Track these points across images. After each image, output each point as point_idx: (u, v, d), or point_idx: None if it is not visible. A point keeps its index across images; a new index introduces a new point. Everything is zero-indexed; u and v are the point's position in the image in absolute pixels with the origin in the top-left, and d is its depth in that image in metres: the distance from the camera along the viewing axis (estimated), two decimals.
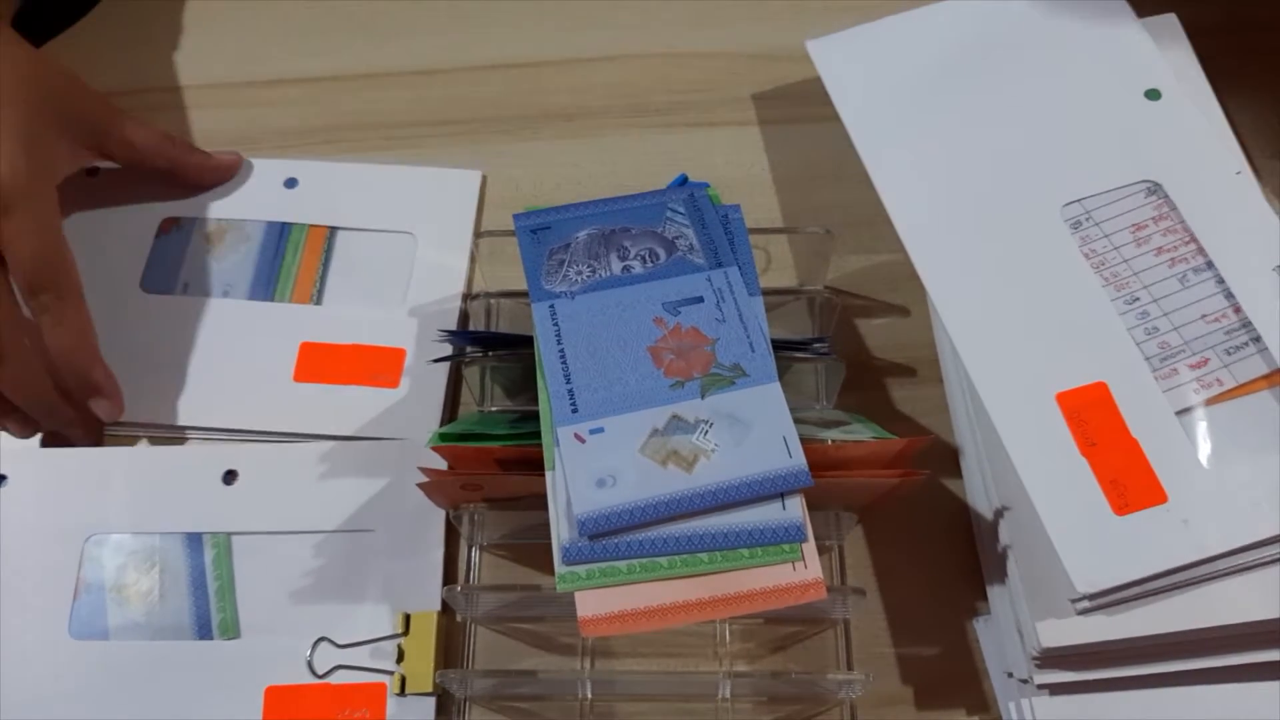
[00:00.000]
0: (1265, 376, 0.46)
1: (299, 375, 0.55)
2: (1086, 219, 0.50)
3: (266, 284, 0.58)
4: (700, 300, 0.46)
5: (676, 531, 0.41)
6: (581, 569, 0.41)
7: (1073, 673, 0.44)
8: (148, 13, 0.66)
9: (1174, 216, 0.50)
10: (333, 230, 0.59)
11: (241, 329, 0.57)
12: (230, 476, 0.53)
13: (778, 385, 0.44)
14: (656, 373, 0.44)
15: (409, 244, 0.59)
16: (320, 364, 0.56)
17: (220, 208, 0.60)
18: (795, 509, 0.41)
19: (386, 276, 0.58)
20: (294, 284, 0.58)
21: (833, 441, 0.46)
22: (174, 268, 0.58)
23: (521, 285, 0.48)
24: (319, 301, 0.57)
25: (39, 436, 0.54)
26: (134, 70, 0.65)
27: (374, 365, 0.55)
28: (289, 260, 0.58)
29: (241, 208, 0.60)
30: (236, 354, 0.56)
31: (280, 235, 0.59)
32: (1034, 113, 0.53)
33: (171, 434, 0.55)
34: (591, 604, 0.40)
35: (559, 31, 0.65)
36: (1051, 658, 0.44)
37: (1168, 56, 0.55)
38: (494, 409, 0.54)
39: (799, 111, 0.62)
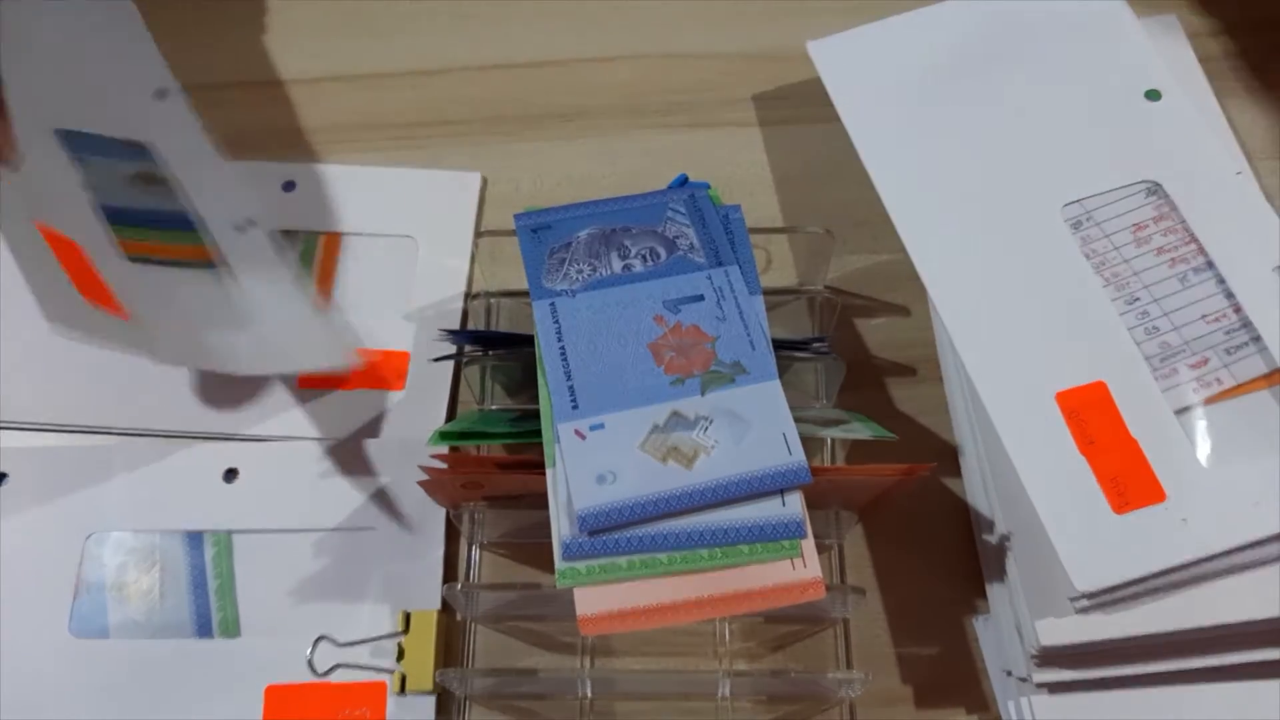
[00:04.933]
0: (1265, 376, 0.46)
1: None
2: (1086, 219, 0.50)
3: None
4: (701, 298, 0.46)
5: (676, 528, 0.41)
6: (581, 565, 0.41)
7: (1072, 672, 0.44)
8: (146, 13, 0.66)
9: (1174, 216, 0.50)
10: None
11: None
12: (231, 475, 0.53)
13: (778, 383, 0.44)
14: (657, 370, 0.44)
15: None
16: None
17: None
18: (795, 505, 0.42)
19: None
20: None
21: (832, 442, 0.47)
22: None
23: (522, 285, 0.48)
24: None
25: (39, 435, 0.54)
26: None
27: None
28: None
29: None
30: None
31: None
32: (1034, 113, 0.53)
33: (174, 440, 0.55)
34: (591, 602, 0.40)
35: (559, 31, 0.65)
36: (1050, 656, 0.44)
37: (1168, 56, 0.55)
38: (494, 408, 0.54)
39: (799, 111, 0.62)
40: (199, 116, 0.61)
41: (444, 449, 0.52)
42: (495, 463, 0.46)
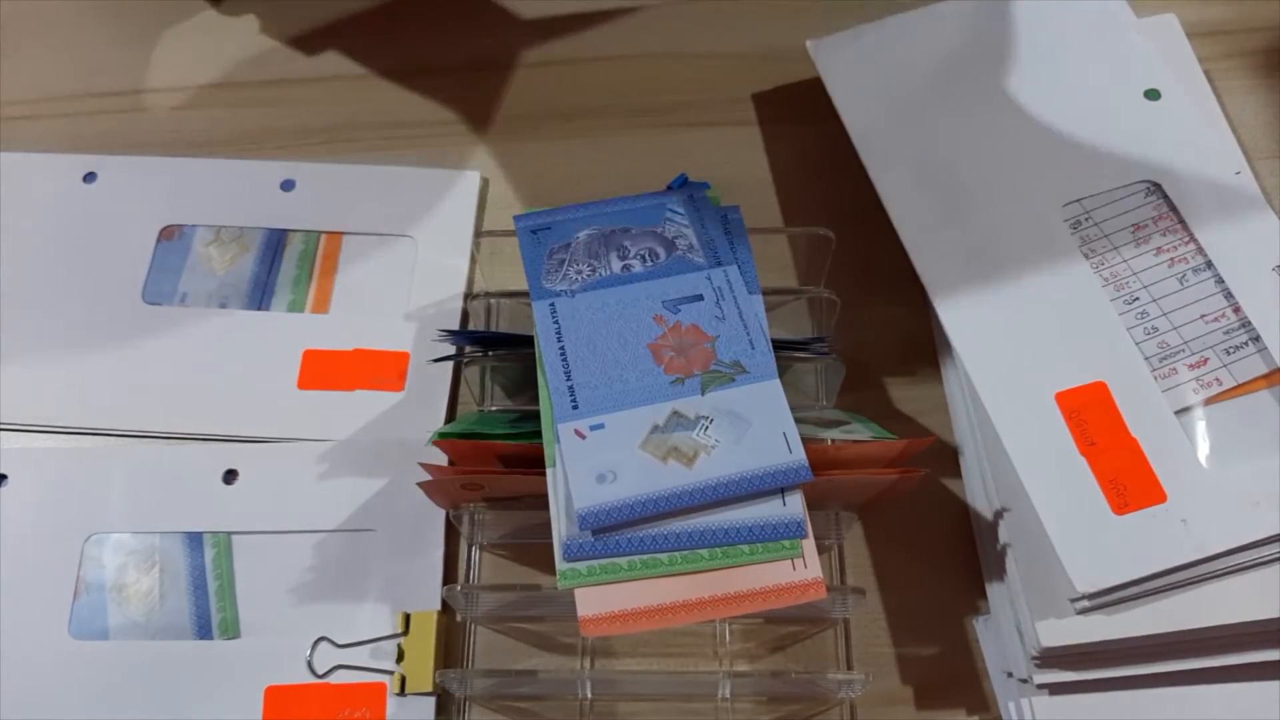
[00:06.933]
0: (1264, 376, 0.46)
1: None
2: (1086, 219, 0.50)
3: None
4: (700, 298, 0.46)
5: (677, 528, 0.41)
6: (582, 565, 0.41)
7: (1072, 673, 0.44)
8: (147, 12, 0.66)
9: (1173, 216, 0.50)
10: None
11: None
12: (230, 476, 0.53)
13: (778, 382, 0.44)
14: (657, 369, 0.44)
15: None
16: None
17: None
18: (795, 504, 0.42)
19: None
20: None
21: (832, 441, 0.47)
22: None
23: (521, 285, 0.48)
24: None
25: (39, 436, 0.54)
26: (133, 70, 0.65)
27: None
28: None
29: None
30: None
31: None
32: (1034, 113, 0.53)
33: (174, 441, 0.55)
34: (592, 603, 0.40)
35: (560, 31, 0.65)
36: (1051, 657, 0.44)
37: (1168, 56, 0.55)
38: (494, 408, 0.54)
39: (799, 111, 0.62)
40: (201, 116, 0.61)
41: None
42: (496, 454, 0.46)
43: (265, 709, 0.49)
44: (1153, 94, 0.53)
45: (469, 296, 0.57)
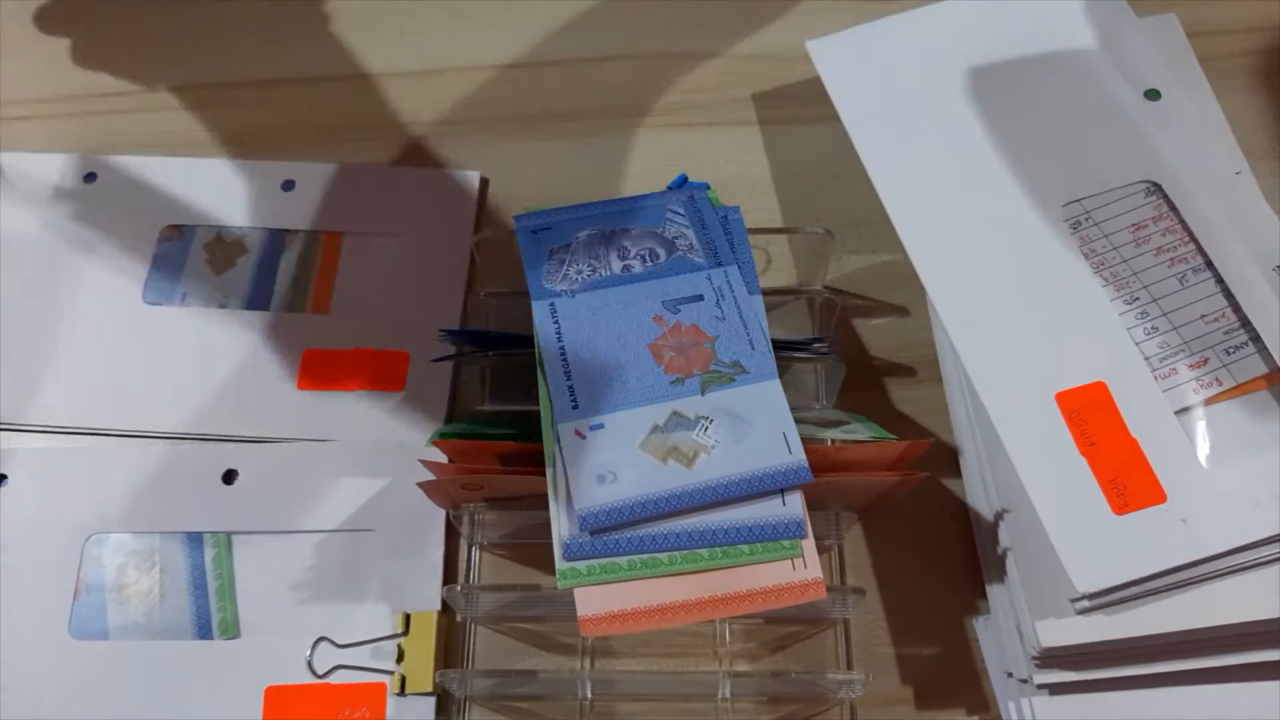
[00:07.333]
0: (1264, 376, 0.46)
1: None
2: (1086, 219, 0.50)
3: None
4: (700, 298, 0.46)
5: (677, 528, 0.41)
6: (582, 565, 0.41)
7: (1072, 673, 0.44)
8: (148, 12, 0.66)
9: (1174, 216, 0.50)
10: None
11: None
12: (230, 476, 0.53)
13: (777, 382, 0.44)
14: (657, 369, 0.44)
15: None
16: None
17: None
18: (795, 505, 0.42)
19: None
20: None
21: (832, 441, 0.47)
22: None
23: (521, 286, 0.48)
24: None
25: (39, 436, 0.54)
26: (134, 70, 0.65)
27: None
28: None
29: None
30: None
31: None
32: (1034, 112, 0.53)
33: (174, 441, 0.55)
34: (592, 603, 0.40)
35: (559, 31, 0.65)
36: (1051, 657, 0.44)
37: (1168, 56, 0.55)
38: (494, 409, 0.54)
39: (799, 111, 0.62)
40: (201, 116, 0.61)
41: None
42: (496, 454, 0.46)
43: (265, 709, 0.49)
44: (1153, 94, 0.53)
45: (469, 296, 0.57)
